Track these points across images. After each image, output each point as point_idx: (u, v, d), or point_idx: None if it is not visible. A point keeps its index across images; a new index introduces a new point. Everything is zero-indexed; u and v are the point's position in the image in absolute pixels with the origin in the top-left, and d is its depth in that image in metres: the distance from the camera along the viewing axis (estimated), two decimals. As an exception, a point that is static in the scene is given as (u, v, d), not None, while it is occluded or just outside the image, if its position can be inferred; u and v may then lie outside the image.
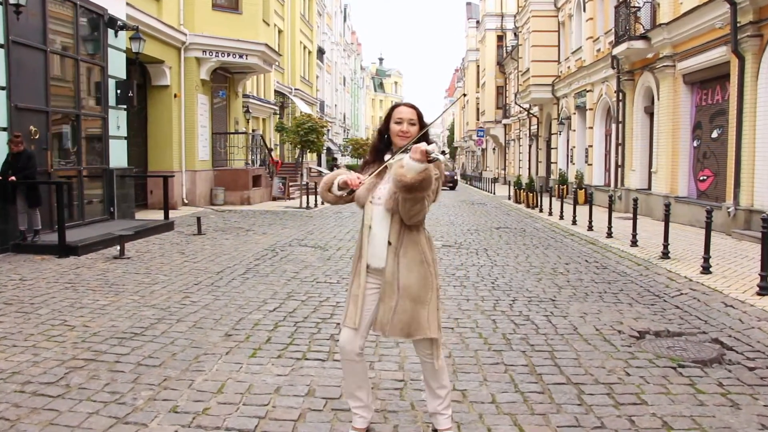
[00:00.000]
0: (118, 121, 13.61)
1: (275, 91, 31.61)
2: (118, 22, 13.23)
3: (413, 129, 3.24)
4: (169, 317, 6.09)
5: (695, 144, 14.79)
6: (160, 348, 5.07)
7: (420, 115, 3.28)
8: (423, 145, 2.97)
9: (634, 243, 11.14)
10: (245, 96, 25.29)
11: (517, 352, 5.10)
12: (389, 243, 3.21)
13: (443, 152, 3.07)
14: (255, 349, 5.10)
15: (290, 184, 24.34)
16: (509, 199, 26.71)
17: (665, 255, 9.74)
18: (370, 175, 3.22)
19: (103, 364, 4.64)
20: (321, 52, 45.34)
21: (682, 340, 5.53)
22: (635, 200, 11.35)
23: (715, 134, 13.80)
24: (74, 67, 12.04)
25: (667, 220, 9.83)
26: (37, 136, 10.71)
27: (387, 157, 3.29)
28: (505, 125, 46.28)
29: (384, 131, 3.36)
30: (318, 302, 6.85)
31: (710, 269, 8.42)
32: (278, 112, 32.66)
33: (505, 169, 47.67)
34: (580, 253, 10.92)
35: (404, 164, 2.99)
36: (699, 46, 13.72)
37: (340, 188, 3.26)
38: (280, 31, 31.57)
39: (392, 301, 3.17)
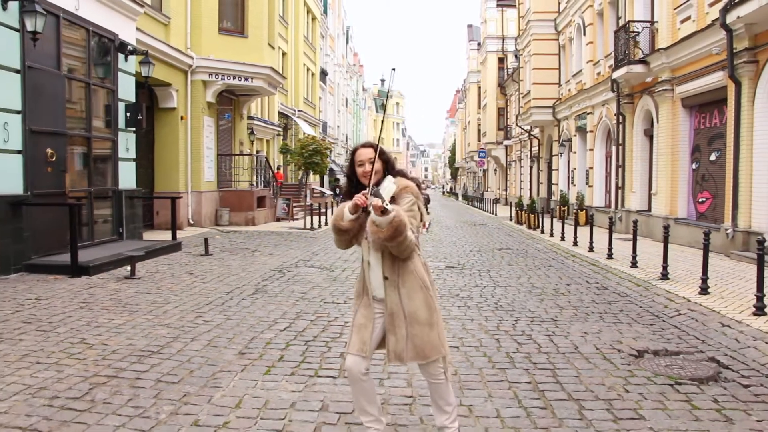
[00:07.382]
0: (127, 143, 13.89)
1: (279, 112, 31.97)
2: (129, 47, 13.57)
3: (376, 166, 3.42)
4: (184, 336, 6.30)
5: (694, 166, 15.05)
6: (177, 365, 5.28)
7: (379, 150, 3.46)
8: (373, 199, 3.18)
9: (634, 264, 11.34)
10: (250, 118, 25.63)
11: (520, 370, 5.31)
12: (385, 278, 3.45)
13: (379, 196, 3.15)
14: (269, 366, 5.31)
15: (294, 204, 24.60)
16: (511, 220, 26.95)
17: (664, 276, 9.94)
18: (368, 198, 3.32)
19: (124, 381, 4.85)
20: (324, 73, 45.84)
21: (679, 359, 5.73)
22: (635, 222, 11.56)
23: (713, 157, 14.05)
24: (86, 91, 12.35)
25: (666, 242, 10.04)
26: (53, 159, 10.98)
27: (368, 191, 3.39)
28: (506, 146, 46.69)
29: (351, 176, 3.60)
30: (326, 322, 7.06)
31: (708, 290, 8.63)
32: (282, 133, 32.99)
33: (506, 190, 47.99)
34: (581, 274, 11.13)
35: (374, 220, 3.23)
36: (697, 70, 14.03)
37: (352, 213, 3.43)
38: (284, 54, 31.98)
39: (402, 330, 3.42)
